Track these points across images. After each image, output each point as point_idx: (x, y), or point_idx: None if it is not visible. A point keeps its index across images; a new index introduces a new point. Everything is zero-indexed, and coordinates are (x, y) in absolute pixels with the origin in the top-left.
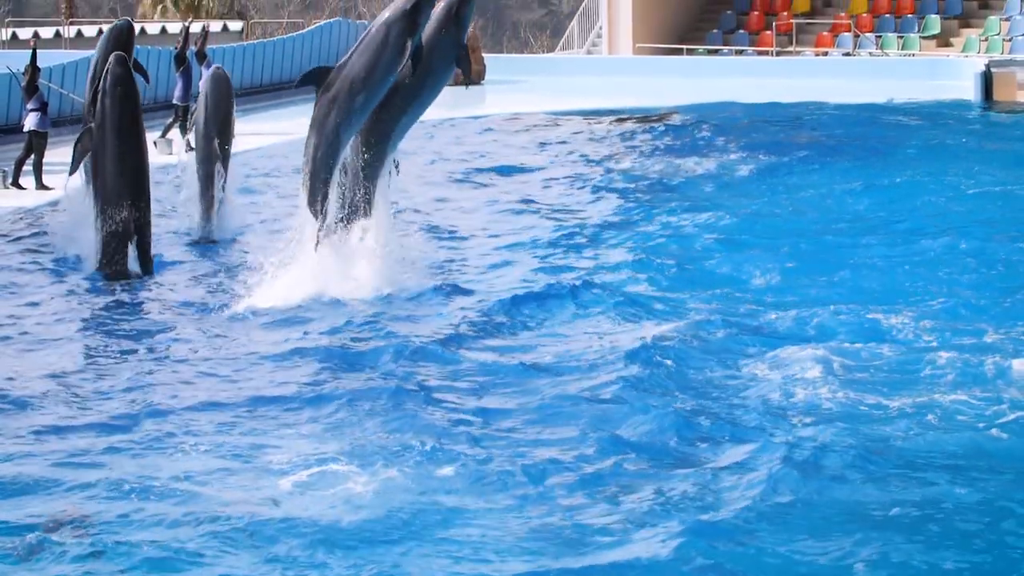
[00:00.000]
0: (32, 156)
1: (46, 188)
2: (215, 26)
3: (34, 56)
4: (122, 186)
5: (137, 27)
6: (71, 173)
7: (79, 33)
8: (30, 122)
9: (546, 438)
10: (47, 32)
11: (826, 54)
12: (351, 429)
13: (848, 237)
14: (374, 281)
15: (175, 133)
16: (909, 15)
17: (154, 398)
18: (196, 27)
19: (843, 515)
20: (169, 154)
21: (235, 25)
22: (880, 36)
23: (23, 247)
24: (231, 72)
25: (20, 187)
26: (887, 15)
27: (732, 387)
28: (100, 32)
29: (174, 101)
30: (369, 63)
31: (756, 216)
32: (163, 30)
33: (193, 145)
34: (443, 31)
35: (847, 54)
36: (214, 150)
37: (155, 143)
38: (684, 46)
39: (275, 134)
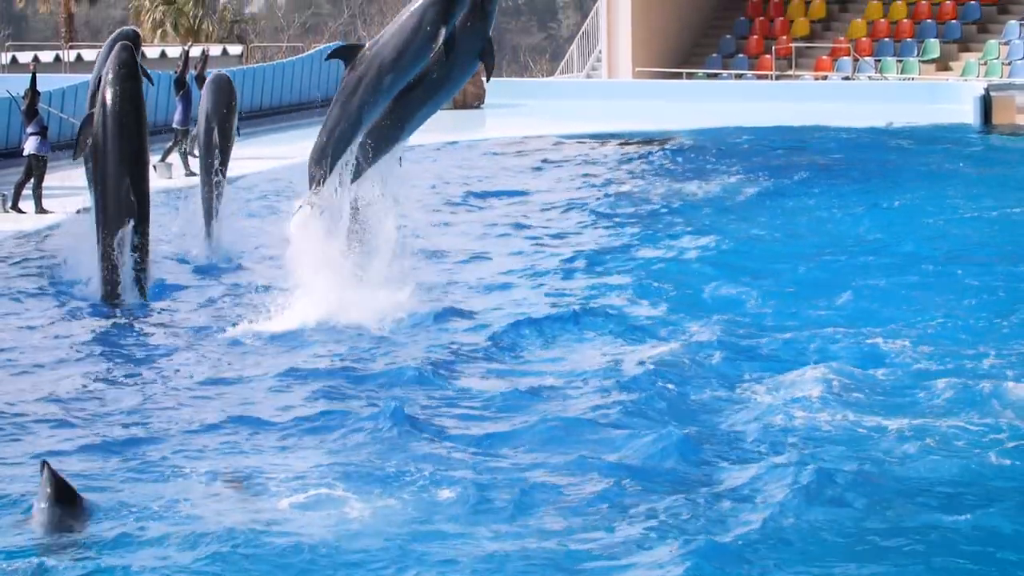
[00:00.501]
0: (32, 180)
1: (45, 212)
2: (215, 50)
3: (34, 80)
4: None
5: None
6: (75, 158)
7: (79, 57)
8: (30, 146)
9: (546, 462)
10: (47, 56)
11: (825, 78)
12: (350, 453)
13: (847, 260)
14: (374, 305)
15: (175, 157)
16: (908, 39)
17: (153, 422)
18: (196, 51)
19: (844, 540)
20: (169, 178)
21: (235, 49)
22: (879, 60)
23: (23, 271)
24: None
25: (20, 211)
26: (886, 39)
27: (732, 411)
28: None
29: (174, 125)
30: (400, 46)
31: (755, 239)
32: (163, 54)
33: (195, 152)
34: (468, 23)
35: (846, 78)
36: (214, 148)
37: (155, 167)
38: (684, 70)
39: (274, 158)
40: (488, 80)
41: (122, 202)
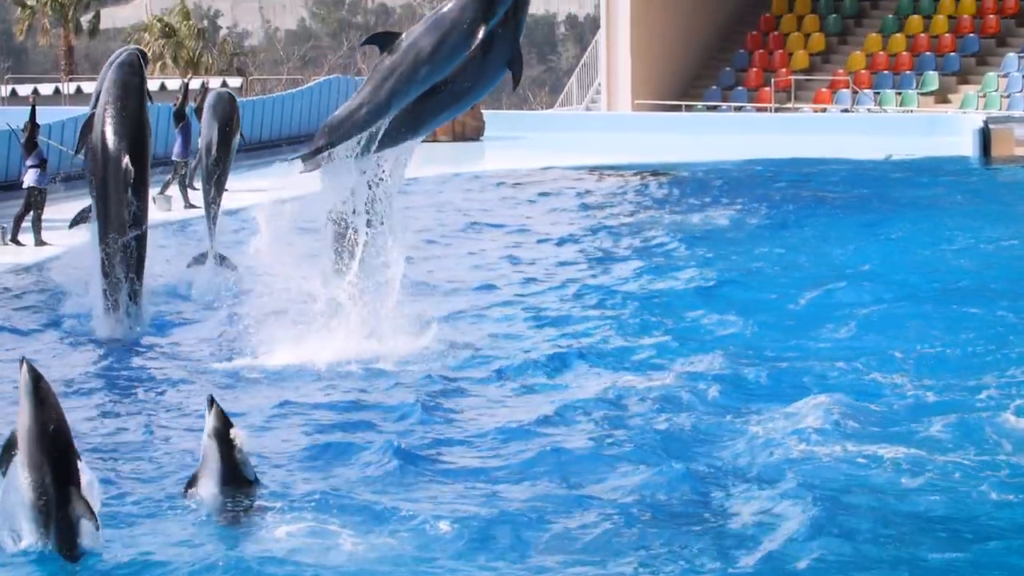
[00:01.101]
0: (31, 212)
1: (44, 244)
2: (214, 82)
3: (33, 112)
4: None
5: None
6: (75, 154)
7: (78, 90)
8: (29, 178)
9: (546, 496)
10: (46, 89)
11: (824, 110)
12: (347, 487)
13: (847, 292)
14: (376, 338)
15: (174, 189)
16: (907, 71)
17: (152, 455)
18: (195, 83)
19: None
20: (168, 210)
21: (234, 81)
22: (878, 92)
23: (22, 304)
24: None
25: (19, 243)
26: (885, 71)
27: (732, 443)
28: None
29: (173, 157)
30: (438, 40)
31: (756, 271)
32: (162, 86)
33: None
34: (498, 30)
35: (845, 110)
36: (213, 164)
37: (154, 199)
38: (683, 102)
39: (274, 190)
40: (515, 89)
41: (123, 223)
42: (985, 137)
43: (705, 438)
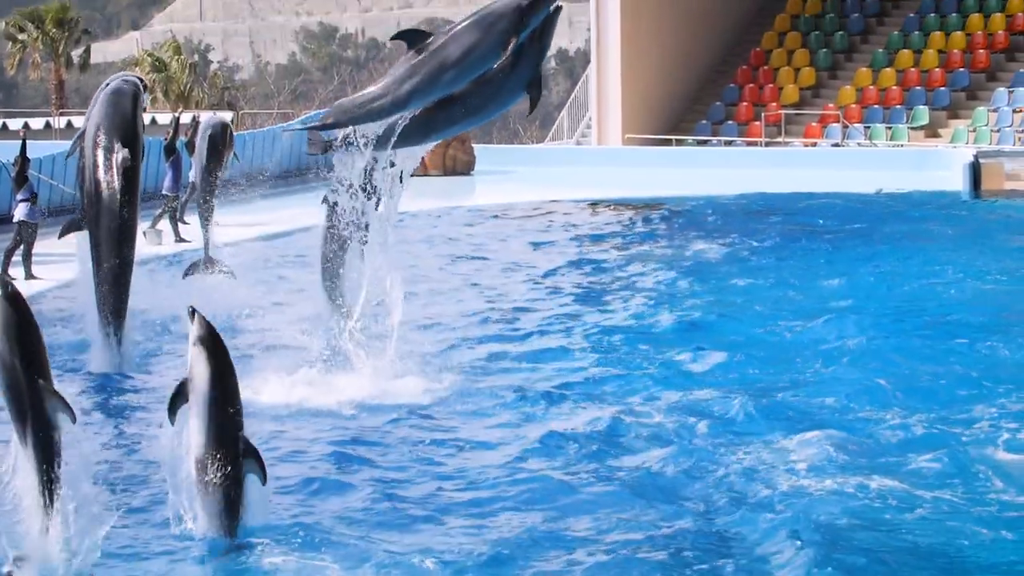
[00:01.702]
0: (22, 246)
1: (35, 278)
2: (205, 116)
3: (24, 146)
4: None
5: None
6: (68, 157)
7: (69, 124)
8: (19, 212)
9: (538, 532)
10: (37, 123)
11: (815, 145)
12: (335, 523)
13: (836, 326)
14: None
15: (165, 224)
16: (897, 106)
17: (144, 489)
18: (186, 117)
19: None
20: (159, 244)
21: (225, 115)
22: (868, 127)
23: None
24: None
25: (10, 278)
26: (875, 106)
27: (721, 479)
28: None
29: (163, 191)
30: (468, 46)
31: (743, 305)
32: (153, 120)
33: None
34: (522, 51)
35: (836, 145)
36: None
37: (144, 233)
38: (673, 136)
39: (262, 224)
40: (530, 115)
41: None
42: (975, 171)
43: (695, 473)
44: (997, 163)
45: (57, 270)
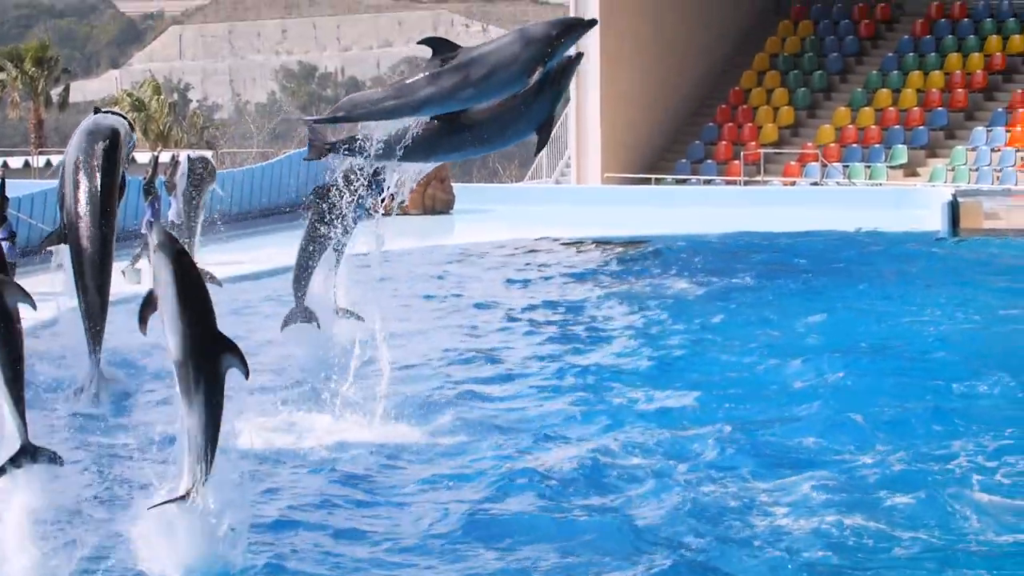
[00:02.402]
0: None
1: None
2: (184, 156)
3: (3, 186)
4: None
5: None
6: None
7: (48, 163)
8: None
9: (528, 569)
10: (16, 162)
11: (794, 184)
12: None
13: (814, 365)
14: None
15: (144, 263)
16: (876, 145)
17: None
18: (165, 157)
19: None
20: (138, 283)
21: (205, 154)
22: (847, 166)
23: None
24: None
25: None
26: (854, 145)
27: (703, 520)
28: None
29: (143, 231)
30: (492, 66)
31: (721, 344)
32: (132, 160)
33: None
34: (538, 89)
35: (815, 183)
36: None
37: (123, 272)
38: (653, 176)
39: (240, 263)
40: (536, 156)
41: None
42: (954, 210)
43: (671, 512)
44: (975, 202)
45: (36, 311)
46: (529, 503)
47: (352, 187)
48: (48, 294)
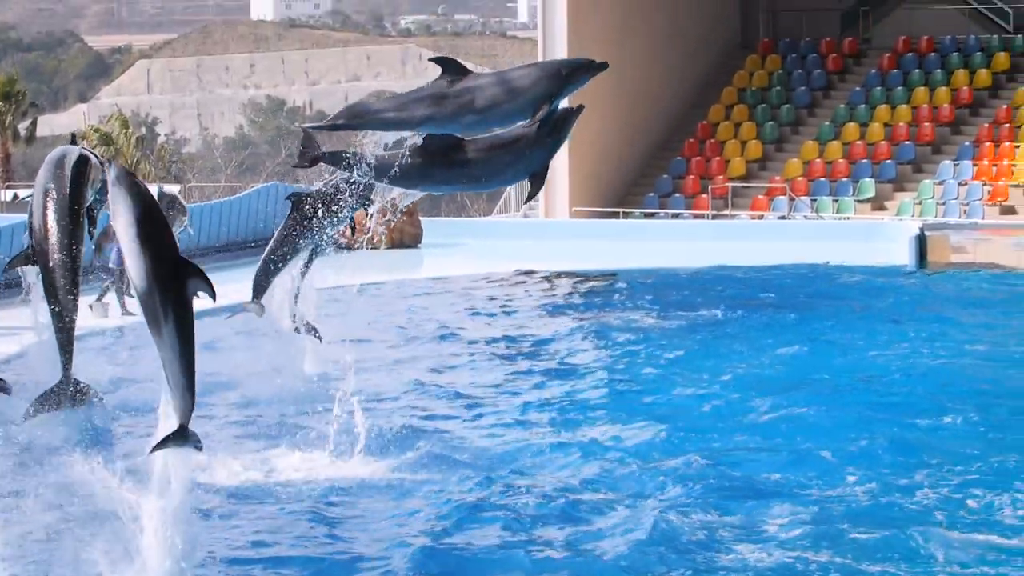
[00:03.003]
0: None
1: None
2: (152, 189)
3: None
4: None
5: None
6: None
7: (15, 196)
8: None
9: None
10: None
11: (761, 217)
12: None
13: (780, 399)
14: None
15: (111, 296)
16: (844, 179)
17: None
18: None
19: None
20: (104, 317)
21: (172, 188)
22: (815, 200)
23: None
24: None
25: None
26: (822, 179)
27: (664, 551)
28: None
29: (110, 264)
30: (498, 95)
31: (687, 377)
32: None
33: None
34: (538, 136)
35: (782, 217)
36: None
37: (91, 307)
38: (621, 209)
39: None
40: (526, 202)
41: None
42: (921, 244)
43: (636, 548)
44: (943, 236)
45: (7, 343)
46: (497, 536)
47: (333, 199)
48: (16, 328)
